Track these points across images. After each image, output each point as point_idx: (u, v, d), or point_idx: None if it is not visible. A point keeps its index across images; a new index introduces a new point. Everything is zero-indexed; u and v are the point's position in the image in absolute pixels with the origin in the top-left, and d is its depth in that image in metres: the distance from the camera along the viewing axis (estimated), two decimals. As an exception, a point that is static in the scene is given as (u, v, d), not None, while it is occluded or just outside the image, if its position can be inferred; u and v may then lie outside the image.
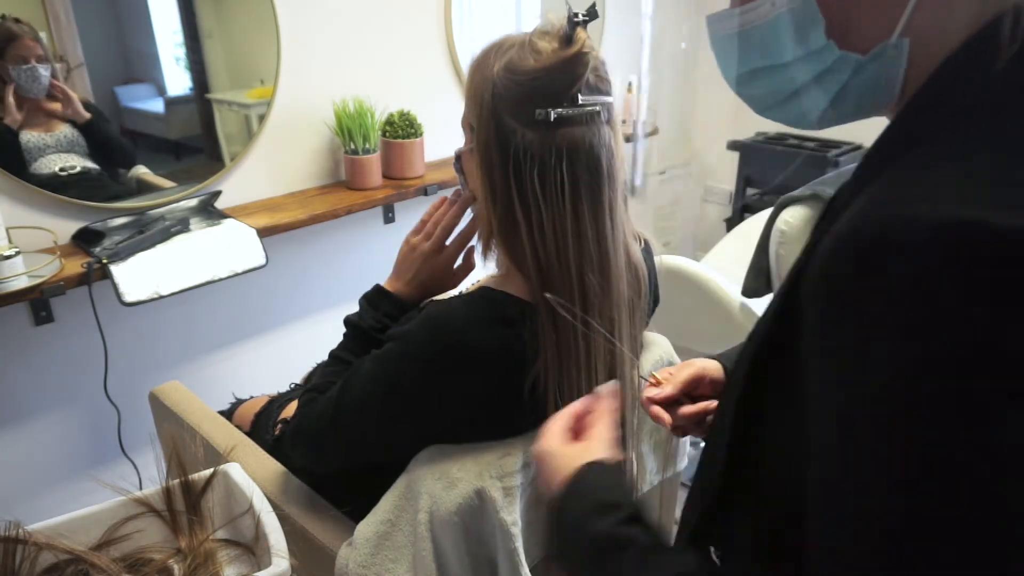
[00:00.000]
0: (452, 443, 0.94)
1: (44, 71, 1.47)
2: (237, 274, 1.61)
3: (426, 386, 0.89)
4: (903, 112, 0.48)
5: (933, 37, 0.46)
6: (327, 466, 1.02)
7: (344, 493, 1.09)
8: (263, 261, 1.65)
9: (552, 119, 0.84)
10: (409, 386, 0.89)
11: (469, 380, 0.88)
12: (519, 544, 0.92)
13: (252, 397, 1.47)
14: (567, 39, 0.85)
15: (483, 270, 1.02)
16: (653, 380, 0.84)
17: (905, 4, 0.45)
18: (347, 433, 0.93)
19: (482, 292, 0.91)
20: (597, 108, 0.86)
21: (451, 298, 0.95)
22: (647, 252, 1.04)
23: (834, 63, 0.48)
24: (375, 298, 1.05)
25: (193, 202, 1.69)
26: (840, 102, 0.50)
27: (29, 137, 1.49)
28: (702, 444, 0.84)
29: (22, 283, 1.36)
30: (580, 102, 0.85)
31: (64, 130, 1.54)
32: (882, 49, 0.46)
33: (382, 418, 0.92)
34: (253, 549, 0.70)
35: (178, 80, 1.74)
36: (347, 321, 1.05)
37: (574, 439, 0.70)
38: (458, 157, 0.98)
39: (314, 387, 1.00)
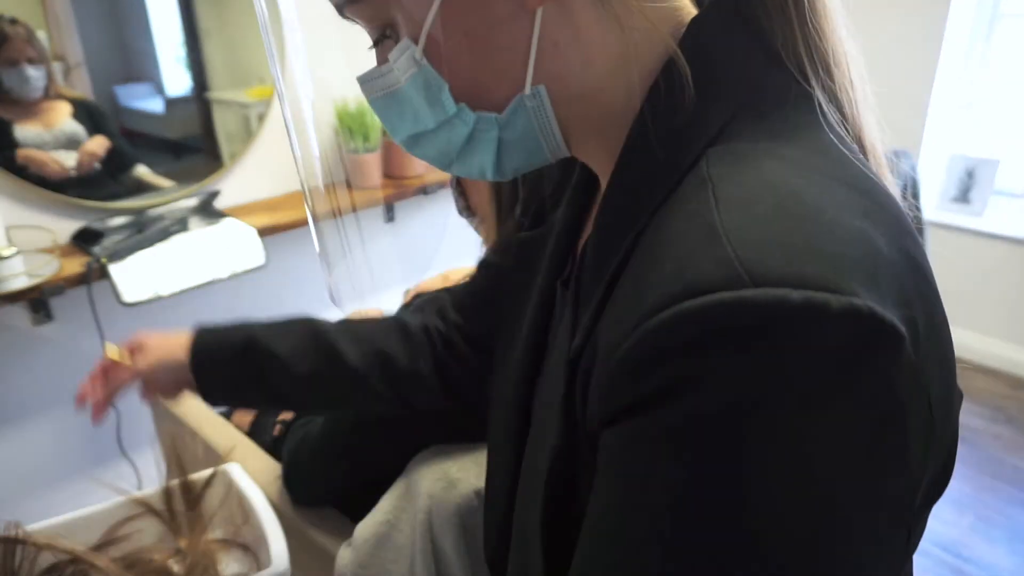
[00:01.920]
0: (455, 442, 0.94)
1: (34, 72, 1.46)
2: (237, 274, 1.61)
3: None
4: (618, 180, 0.44)
5: (574, 80, 0.44)
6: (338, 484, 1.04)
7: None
8: (263, 261, 1.64)
9: None
10: None
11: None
12: (519, 544, 0.92)
13: (252, 397, 1.47)
14: None
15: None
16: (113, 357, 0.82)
17: (526, 60, 0.43)
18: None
19: None
20: None
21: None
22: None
23: (476, 123, 0.45)
24: None
25: (192, 202, 1.69)
26: (507, 155, 0.47)
27: (27, 133, 1.48)
28: None
29: (21, 283, 1.36)
30: None
31: (63, 126, 1.53)
32: (519, 102, 0.44)
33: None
34: (253, 549, 0.70)
35: (177, 79, 1.74)
36: None
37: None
38: None
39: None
